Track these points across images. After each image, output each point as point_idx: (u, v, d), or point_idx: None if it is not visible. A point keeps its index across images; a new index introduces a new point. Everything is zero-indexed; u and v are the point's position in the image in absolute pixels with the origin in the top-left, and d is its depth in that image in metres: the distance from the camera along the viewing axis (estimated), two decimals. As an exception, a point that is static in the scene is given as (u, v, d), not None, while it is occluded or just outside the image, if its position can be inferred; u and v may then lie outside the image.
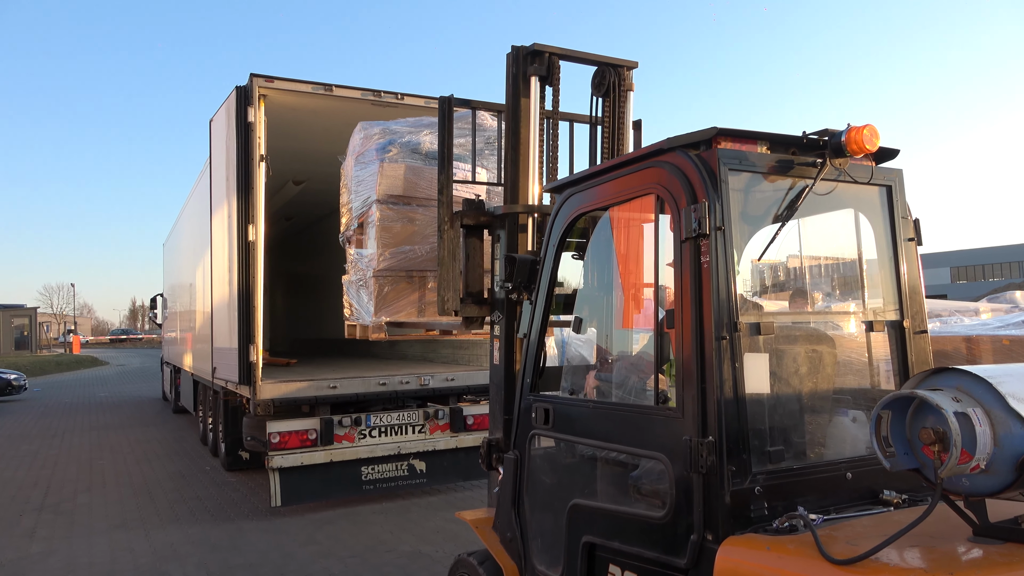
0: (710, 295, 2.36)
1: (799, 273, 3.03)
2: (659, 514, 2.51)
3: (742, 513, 2.30)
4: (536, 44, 4.11)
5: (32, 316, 50.11)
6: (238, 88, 7.08)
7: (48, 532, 6.84)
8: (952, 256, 64.17)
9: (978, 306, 11.23)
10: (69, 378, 30.72)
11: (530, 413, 3.18)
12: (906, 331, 2.80)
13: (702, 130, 2.52)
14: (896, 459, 2.07)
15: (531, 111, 4.12)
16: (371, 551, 5.99)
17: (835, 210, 2.83)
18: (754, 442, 2.39)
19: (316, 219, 13.93)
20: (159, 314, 18.55)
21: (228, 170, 7.54)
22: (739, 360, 2.36)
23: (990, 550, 2.01)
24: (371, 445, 7.29)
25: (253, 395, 6.93)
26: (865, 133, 2.45)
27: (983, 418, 1.95)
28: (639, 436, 2.65)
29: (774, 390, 2.54)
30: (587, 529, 2.82)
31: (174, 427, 13.93)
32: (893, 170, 2.83)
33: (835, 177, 2.62)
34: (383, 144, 5.63)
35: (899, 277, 2.82)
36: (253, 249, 7.00)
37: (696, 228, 2.39)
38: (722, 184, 2.41)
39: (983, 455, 1.93)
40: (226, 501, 7.83)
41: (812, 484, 2.44)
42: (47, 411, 17.68)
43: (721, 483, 2.29)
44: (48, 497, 8.28)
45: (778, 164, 2.58)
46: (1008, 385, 1.98)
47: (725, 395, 2.32)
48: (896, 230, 2.81)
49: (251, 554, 6.02)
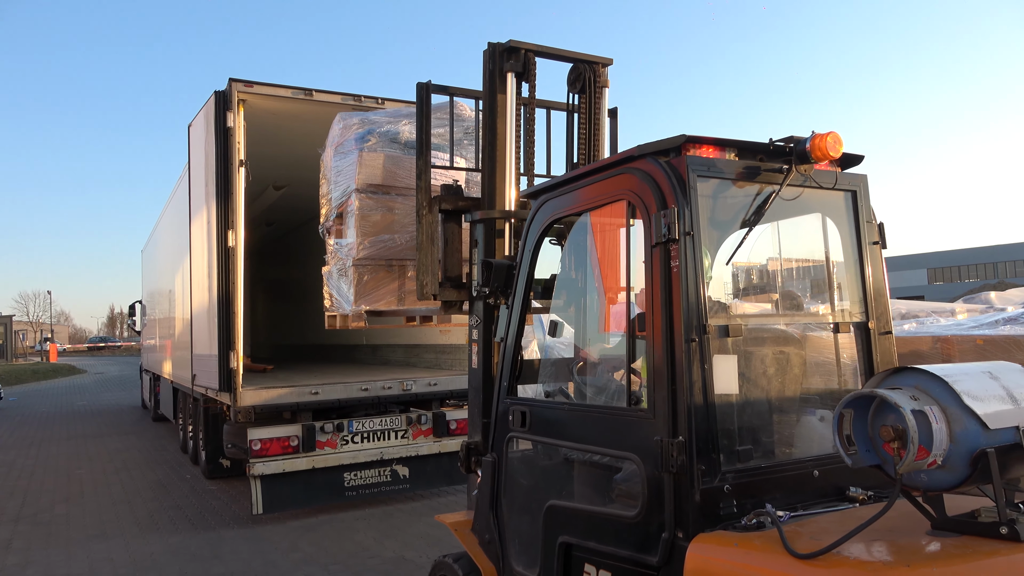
0: (680, 299, 2.41)
1: (769, 276, 3.13)
2: (632, 513, 2.56)
3: (712, 511, 2.36)
4: (512, 41, 4.20)
5: (7, 324, 49.42)
6: (217, 93, 7.03)
7: (24, 543, 6.74)
8: (929, 258, 65.04)
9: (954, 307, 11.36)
10: (46, 387, 30.27)
11: (507, 416, 3.22)
12: (871, 332, 2.86)
13: (671, 137, 2.57)
14: (858, 456, 2.14)
15: (507, 107, 4.21)
16: (354, 558, 5.96)
17: (804, 214, 2.91)
18: (723, 441, 2.45)
19: (297, 224, 13.85)
20: (138, 321, 18.34)
21: (207, 175, 7.49)
22: (708, 362, 2.42)
23: (946, 543, 2.07)
24: (354, 451, 7.25)
25: (234, 402, 6.87)
26: (828, 140, 2.52)
27: (939, 416, 2.02)
28: (612, 437, 2.69)
29: (743, 391, 2.61)
30: (563, 529, 2.87)
31: (154, 435, 13.78)
32: (858, 176, 2.90)
33: (801, 183, 2.68)
34: (362, 134, 5.65)
35: (864, 280, 2.88)
36: (233, 255, 6.95)
37: (666, 233, 2.45)
38: (691, 190, 2.47)
39: (939, 451, 2.01)
40: (207, 509, 7.75)
41: (780, 482, 2.50)
42: (23, 421, 17.41)
43: (691, 482, 2.35)
44: (24, 508, 8.15)
45: (746, 170, 2.64)
46: (963, 384, 2.06)
47: (694, 396, 2.38)
48: (861, 234, 2.88)
49: (233, 563, 5.97)
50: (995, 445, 2.02)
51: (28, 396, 25.17)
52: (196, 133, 8.18)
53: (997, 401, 2.08)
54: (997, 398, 2.09)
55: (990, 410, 2.04)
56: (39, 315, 79.76)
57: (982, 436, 2.02)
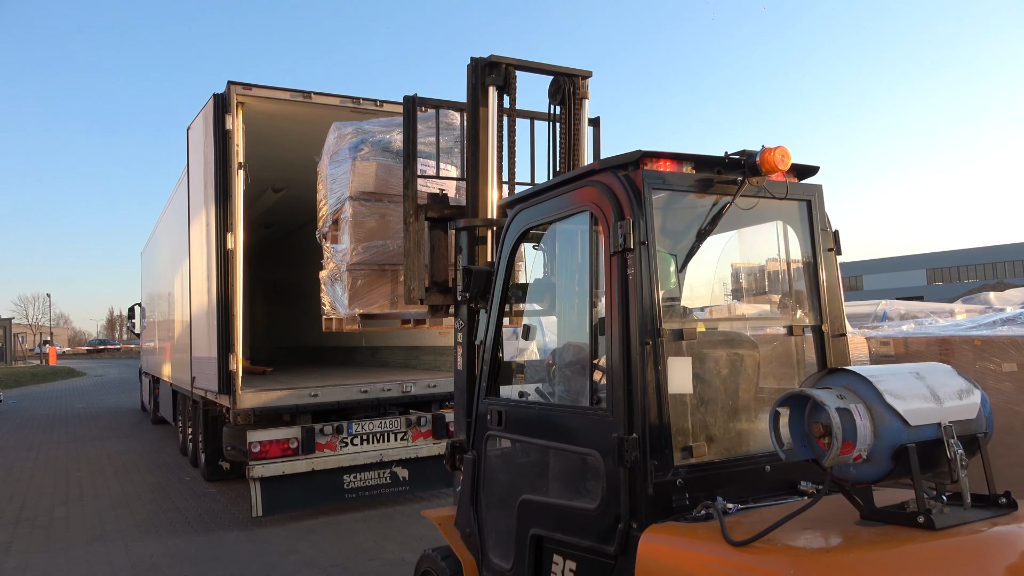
0: (635, 304, 2.57)
1: (731, 282, 3.34)
2: (592, 506, 2.71)
3: (664, 503, 2.51)
4: (493, 56, 4.38)
5: (7, 327, 49.42)
6: (215, 95, 7.03)
7: (24, 547, 6.74)
8: (928, 258, 65.09)
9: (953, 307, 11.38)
10: (45, 390, 30.25)
11: (486, 415, 3.38)
12: (825, 335, 2.99)
13: (629, 152, 2.73)
14: (792, 451, 2.29)
15: (489, 118, 4.40)
16: (354, 560, 5.96)
17: (766, 222, 3.06)
18: (676, 438, 2.60)
19: (296, 226, 13.85)
20: (137, 324, 18.34)
21: (206, 178, 7.49)
22: (662, 364, 2.57)
23: (869, 531, 2.20)
24: (353, 453, 7.25)
25: (233, 404, 6.87)
26: (776, 155, 2.65)
27: (864, 413, 2.17)
28: (577, 435, 2.85)
29: (697, 391, 2.75)
30: (534, 522, 3.03)
31: (153, 438, 13.77)
32: (813, 186, 3.03)
33: (754, 193, 2.82)
34: (356, 143, 5.82)
35: (818, 285, 2.99)
36: (232, 257, 6.95)
37: (622, 243, 2.60)
38: (646, 202, 2.63)
39: (864, 446, 2.15)
40: (206, 512, 7.75)
41: (733, 477, 2.65)
42: (22, 423, 17.40)
43: (645, 476, 2.50)
44: (24, 511, 8.15)
45: (700, 182, 2.79)
46: (887, 383, 2.21)
47: (648, 396, 2.53)
48: (815, 241, 2.99)
49: (232, 565, 5.97)
50: (916, 441, 2.16)
51: (27, 399, 25.16)
52: (195, 136, 8.19)
53: (919, 400, 2.22)
54: (920, 397, 2.23)
55: (912, 408, 2.18)
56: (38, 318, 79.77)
57: (904, 432, 2.16)
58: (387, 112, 7.59)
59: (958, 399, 2.31)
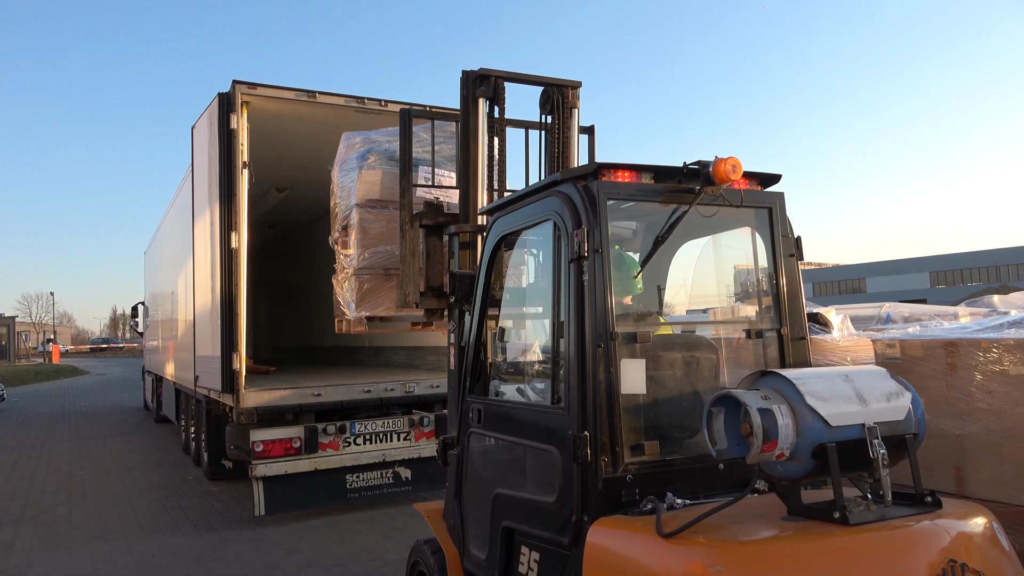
0: (589, 308, 2.69)
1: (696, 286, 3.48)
2: (551, 500, 2.84)
3: (614, 498, 2.61)
4: (483, 69, 4.54)
5: (10, 325, 49.51)
6: (220, 95, 7.04)
7: (27, 544, 6.74)
8: (931, 261, 64.92)
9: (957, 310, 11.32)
10: (48, 388, 30.32)
11: (468, 413, 3.53)
12: (784, 338, 3.06)
13: (587, 164, 2.89)
14: (725, 448, 2.38)
15: (479, 129, 4.57)
16: (356, 560, 5.95)
17: (738, 228, 3.17)
18: (628, 436, 2.71)
19: (299, 226, 13.86)
20: (140, 323, 18.37)
21: (211, 177, 7.50)
22: (614, 365, 2.67)
23: (790, 526, 2.32)
24: (356, 453, 7.25)
25: (236, 403, 6.87)
26: (728, 165, 2.75)
27: (787, 413, 2.26)
28: (540, 432, 2.98)
29: (651, 391, 2.84)
30: (505, 515, 3.17)
31: (156, 437, 13.79)
32: (775, 194, 3.10)
33: (710, 202, 2.91)
34: (363, 152, 5.97)
35: (779, 289, 3.07)
36: (236, 256, 6.95)
37: (577, 250, 2.73)
38: (601, 212, 2.73)
39: (786, 444, 2.24)
40: (209, 511, 7.75)
41: (686, 474, 2.73)
42: (26, 421, 17.43)
43: (595, 472, 2.62)
44: (27, 509, 8.16)
45: (657, 192, 2.90)
46: (810, 386, 2.30)
47: (600, 395, 2.65)
48: (776, 247, 3.06)
49: (234, 564, 5.97)
50: (838, 440, 2.25)
51: (31, 397, 25.21)
52: (200, 135, 8.20)
53: (843, 402, 2.30)
54: (844, 399, 2.31)
55: (833, 410, 2.26)
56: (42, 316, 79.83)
57: (825, 432, 2.25)
58: (391, 112, 7.59)
59: (885, 401, 2.38)
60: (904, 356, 3.57)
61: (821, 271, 79.41)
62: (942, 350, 3.42)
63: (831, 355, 4.08)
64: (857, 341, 4.23)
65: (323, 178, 10.62)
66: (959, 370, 3.35)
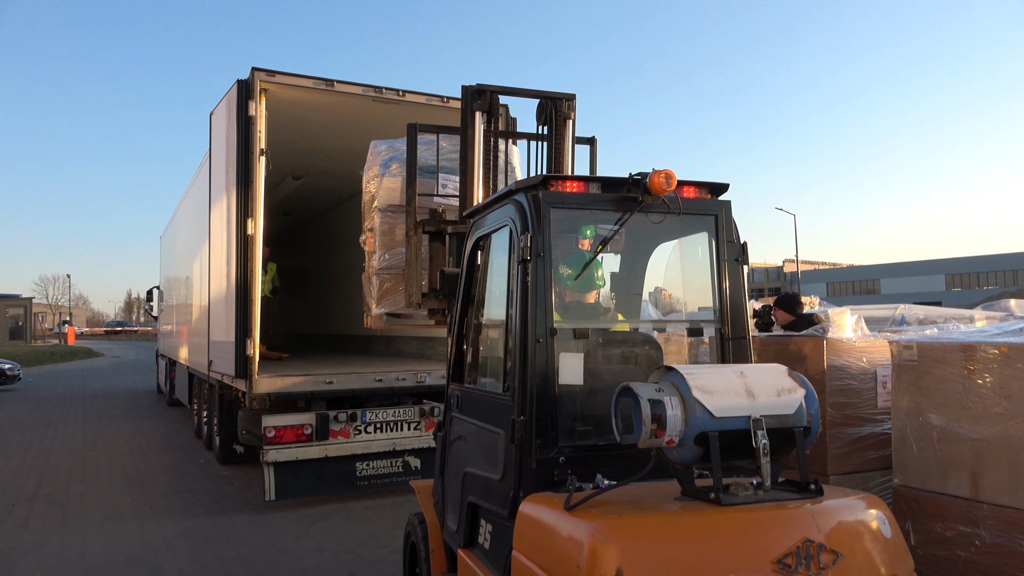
0: (531, 306, 2.94)
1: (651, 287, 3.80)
2: (497, 477, 3.12)
3: (547, 477, 2.88)
4: (479, 84, 4.85)
5: (27, 306, 49.90)
6: (239, 82, 7.06)
7: (40, 522, 6.83)
8: (947, 263, 64.37)
9: (973, 313, 11.21)
10: (63, 369, 30.65)
11: (450, 399, 3.87)
12: (724, 337, 3.28)
13: (536, 175, 3.17)
14: (628, 435, 2.58)
15: (476, 140, 4.93)
16: (364, 546, 5.99)
17: (695, 234, 3.40)
18: (563, 422, 2.97)
19: (315, 214, 13.91)
20: (155, 307, 18.51)
21: (228, 163, 7.53)
22: (552, 358, 2.94)
23: (675, 504, 2.57)
24: (366, 441, 7.29)
25: (249, 389, 6.91)
26: (661, 177, 2.98)
27: (677, 404, 2.49)
28: (493, 416, 3.25)
29: (590, 382, 3.07)
30: (470, 491, 3.46)
31: (168, 420, 13.91)
32: (722, 202, 3.31)
33: (653, 210, 3.12)
34: (387, 160, 6.31)
35: (722, 291, 3.27)
36: (252, 243, 6.99)
37: (522, 254, 2.98)
38: (544, 219, 3.00)
39: (675, 432, 2.47)
40: (220, 494, 7.82)
41: (619, 458, 2.92)
42: (41, 401, 17.64)
43: (530, 453, 2.89)
44: (41, 487, 8.26)
45: (601, 201, 3.14)
46: (699, 380, 2.53)
47: (537, 384, 2.91)
48: (720, 252, 3.27)
49: (244, 548, 6.02)
50: (721, 430, 2.48)
51: (46, 377, 25.49)
52: (218, 121, 8.23)
53: (730, 395, 2.52)
54: (732, 393, 2.54)
55: (719, 402, 2.49)
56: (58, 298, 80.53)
57: (710, 422, 2.47)
58: (409, 102, 7.61)
59: (775, 396, 2.58)
60: (921, 358, 3.54)
61: (835, 271, 78.92)
62: (960, 353, 3.39)
63: (846, 355, 4.06)
64: (873, 342, 4.21)
65: (339, 167, 10.69)
66: (976, 374, 3.31)
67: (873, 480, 4.03)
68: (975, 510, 3.30)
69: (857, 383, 4.06)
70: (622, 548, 2.32)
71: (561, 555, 2.48)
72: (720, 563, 2.32)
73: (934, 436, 3.47)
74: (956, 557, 3.36)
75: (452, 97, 7.80)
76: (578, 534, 2.41)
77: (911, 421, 3.58)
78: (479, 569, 3.26)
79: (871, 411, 4.08)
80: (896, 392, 3.68)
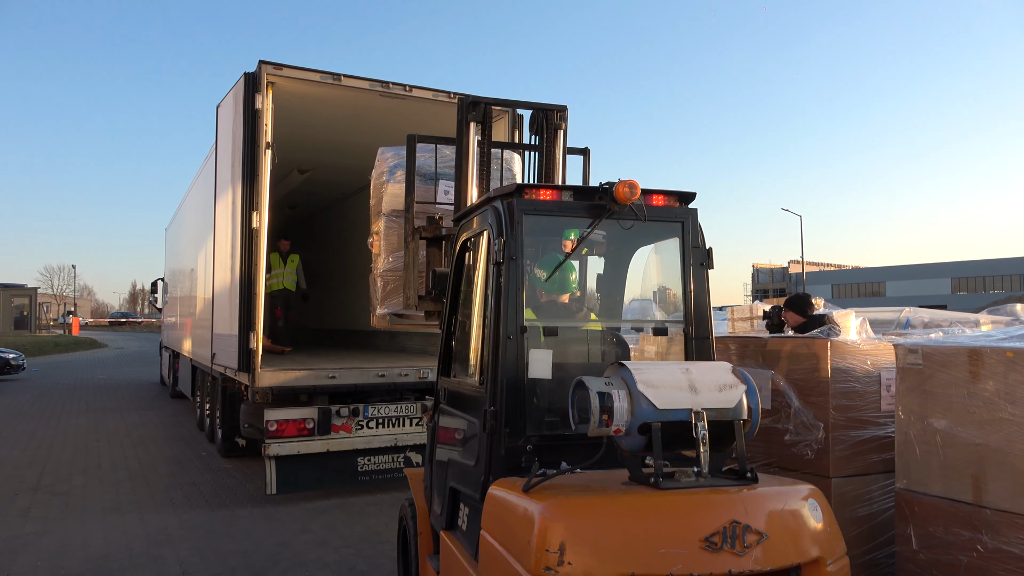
0: (503, 305, 3.16)
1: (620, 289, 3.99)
2: (472, 463, 3.36)
3: (514, 463, 3.10)
4: (472, 96, 5.11)
5: (32, 296, 50.02)
6: (246, 75, 7.05)
7: (43, 513, 6.85)
8: (953, 267, 64.18)
9: (979, 318, 11.17)
10: (67, 359, 30.77)
11: (439, 392, 4.16)
12: (688, 336, 3.47)
13: (512, 184, 3.40)
14: (583, 425, 2.79)
15: (469, 150, 5.15)
16: (365, 542, 6.00)
17: (669, 239, 3.58)
18: (531, 412, 3.20)
19: (320, 208, 13.91)
20: (159, 298, 18.54)
21: (234, 156, 7.53)
22: (521, 353, 3.15)
23: (621, 488, 2.79)
24: (368, 436, 7.29)
25: (252, 382, 6.92)
26: (625, 187, 3.19)
27: (624, 396, 2.72)
28: (470, 407, 3.51)
29: (557, 376, 3.24)
30: (452, 478, 3.70)
31: (171, 412, 13.95)
32: (688, 210, 3.51)
33: (622, 217, 3.32)
34: (392, 167, 6.48)
35: (688, 294, 3.48)
36: (256, 237, 6.99)
37: (496, 256, 3.20)
38: (517, 225, 3.23)
39: (621, 421, 2.70)
40: (221, 487, 7.84)
41: (580, 446, 3.05)
42: (45, 391, 17.71)
43: (499, 441, 3.11)
44: (43, 478, 8.29)
45: (572, 208, 3.36)
46: (645, 375, 2.76)
47: (508, 378, 3.12)
48: (686, 257, 3.47)
49: (245, 541, 6.03)
50: (664, 420, 2.70)
51: (50, 368, 25.59)
52: (224, 114, 8.23)
53: (673, 390, 2.75)
54: (675, 387, 2.76)
55: (662, 395, 2.72)
56: (63, 288, 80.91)
57: (653, 413, 2.69)
58: (416, 97, 7.59)
59: (717, 391, 2.80)
60: (926, 362, 3.53)
61: (841, 273, 78.72)
62: (965, 358, 3.38)
63: (851, 358, 4.05)
64: (878, 345, 4.19)
65: (345, 161, 10.67)
66: (982, 379, 3.30)
67: (875, 483, 4.01)
68: (978, 515, 3.29)
69: (861, 386, 4.04)
70: (567, 525, 2.57)
71: (517, 532, 2.71)
72: (653, 540, 2.55)
73: (938, 440, 3.46)
74: (958, 562, 3.35)
75: (459, 93, 7.78)
76: (530, 513, 2.66)
77: (915, 425, 3.57)
78: (457, 549, 3.50)
79: (874, 414, 4.06)
80: (900, 395, 3.67)
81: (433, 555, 4.07)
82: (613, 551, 2.53)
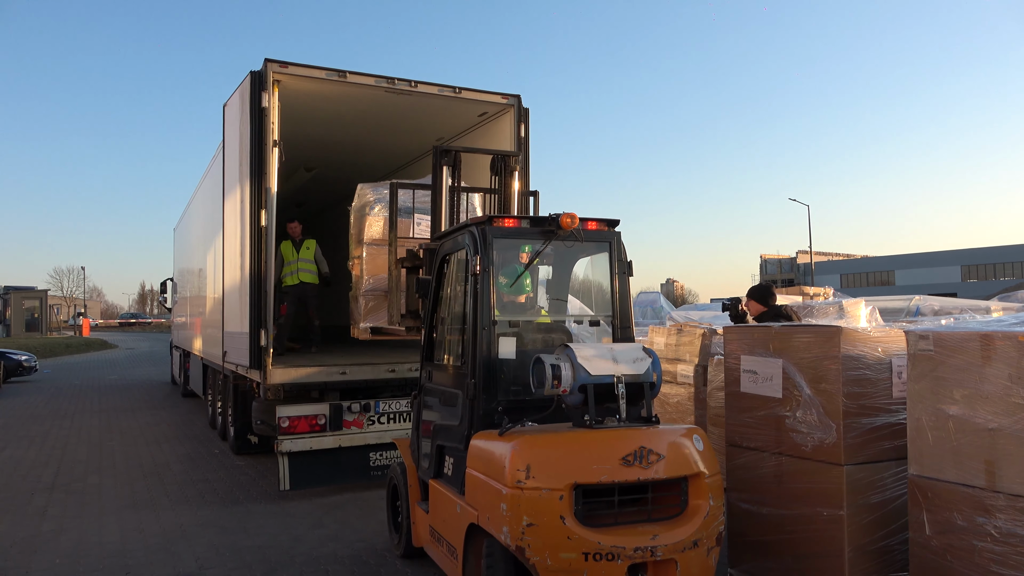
0: (480, 306, 4.26)
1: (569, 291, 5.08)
2: (456, 423, 4.45)
3: (490, 420, 4.16)
4: (445, 144, 6.20)
5: (43, 298, 50.22)
6: (252, 73, 7.07)
7: (59, 511, 6.92)
8: (963, 254, 63.79)
9: (989, 304, 11.13)
10: (79, 360, 30.95)
11: (423, 372, 5.20)
12: (615, 328, 4.66)
13: (485, 215, 4.92)
14: (540, 388, 3.91)
15: (442, 191, 6.27)
16: (378, 536, 6.03)
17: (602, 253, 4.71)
18: (501, 383, 4.26)
19: (327, 206, 13.94)
20: (169, 298, 18.62)
21: (241, 155, 7.56)
22: (493, 340, 4.24)
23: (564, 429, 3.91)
24: (379, 431, 7.32)
25: (263, 379, 6.96)
26: (567, 218, 4.30)
27: (568, 367, 3.83)
28: (455, 381, 4.58)
29: (520, 357, 4.32)
30: (438, 437, 4.76)
31: (183, 411, 14.02)
32: (614, 232, 4.67)
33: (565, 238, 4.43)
34: (372, 202, 7.53)
35: (614, 295, 4.66)
36: (265, 234, 7.03)
37: (472, 270, 4.29)
38: (488, 246, 4.30)
39: (567, 384, 3.82)
40: (235, 484, 7.89)
41: (538, 407, 4.09)
42: (57, 392, 17.82)
43: (478, 404, 4.21)
44: (59, 477, 8.36)
45: (531, 233, 4.50)
46: (583, 352, 3.89)
47: (483, 357, 4.22)
48: (613, 267, 4.65)
49: (260, 536, 6.08)
50: (596, 383, 3.82)
51: (62, 369, 25.75)
52: (231, 113, 8.25)
53: (601, 361, 3.87)
54: (603, 360, 3.88)
55: (594, 366, 3.84)
56: (73, 290, 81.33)
57: (589, 378, 3.81)
58: (421, 93, 7.60)
59: (632, 363, 3.94)
60: (937, 348, 3.52)
61: (849, 262, 78.35)
62: (977, 343, 3.37)
63: (861, 346, 4.04)
64: (888, 332, 4.18)
65: (351, 159, 10.69)
66: (994, 364, 3.29)
67: (888, 470, 4.01)
68: (991, 500, 3.29)
69: (872, 373, 4.04)
70: (531, 453, 3.67)
71: (495, 464, 3.80)
72: (588, 460, 3.67)
73: (950, 426, 3.46)
74: (972, 547, 3.35)
75: (464, 88, 7.79)
76: (504, 449, 3.76)
77: (927, 411, 3.57)
78: (445, 490, 4.54)
79: (886, 401, 4.06)
80: (912, 382, 3.66)
81: (422, 501, 5.06)
82: (562, 468, 3.63)
